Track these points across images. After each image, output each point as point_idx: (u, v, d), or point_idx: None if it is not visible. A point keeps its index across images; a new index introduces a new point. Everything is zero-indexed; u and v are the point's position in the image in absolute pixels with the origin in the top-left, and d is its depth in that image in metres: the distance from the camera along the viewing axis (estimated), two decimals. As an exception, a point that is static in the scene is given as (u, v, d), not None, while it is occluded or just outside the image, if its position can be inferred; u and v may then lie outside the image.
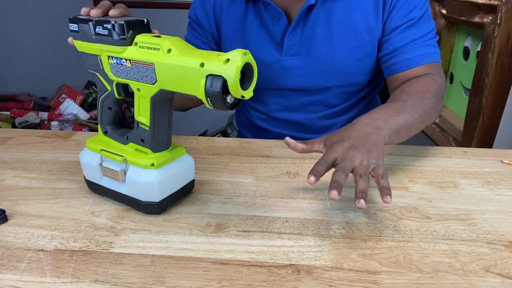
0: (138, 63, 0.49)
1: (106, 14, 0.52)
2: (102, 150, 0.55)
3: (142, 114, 0.52)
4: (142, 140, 0.53)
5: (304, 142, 0.60)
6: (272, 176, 0.66)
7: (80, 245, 0.49)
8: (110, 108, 0.57)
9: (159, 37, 0.48)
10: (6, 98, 2.13)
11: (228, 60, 0.43)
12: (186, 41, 0.89)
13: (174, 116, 0.55)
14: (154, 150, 0.53)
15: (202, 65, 0.44)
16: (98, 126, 0.58)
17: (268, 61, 0.82)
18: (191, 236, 0.51)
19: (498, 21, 1.14)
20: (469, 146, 1.31)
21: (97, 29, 0.50)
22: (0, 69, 2.39)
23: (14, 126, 1.81)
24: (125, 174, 0.54)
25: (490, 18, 1.19)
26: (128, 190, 0.54)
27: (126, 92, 0.55)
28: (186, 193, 0.58)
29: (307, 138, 0.72)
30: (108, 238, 0.50)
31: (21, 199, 0.58)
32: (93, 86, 2.24)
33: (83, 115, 2.00)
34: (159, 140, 0.53)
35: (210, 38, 0.88)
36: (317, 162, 0.53)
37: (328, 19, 0.77)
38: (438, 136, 1.49)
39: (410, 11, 0.75)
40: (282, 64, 0.81)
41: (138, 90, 0.51)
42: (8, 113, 1.88)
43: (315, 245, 0.49)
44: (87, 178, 0.59)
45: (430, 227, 0.53)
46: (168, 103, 0.52)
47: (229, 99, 0.45)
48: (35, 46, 2.33)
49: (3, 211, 0.53)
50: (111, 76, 0.53)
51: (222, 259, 0.47)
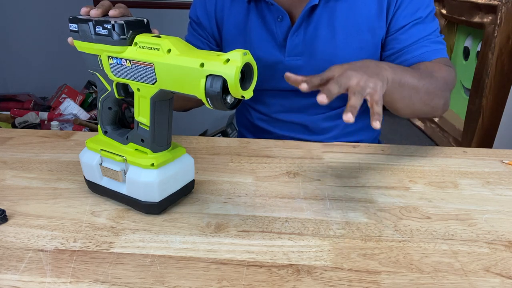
0: (138, 63, 0.49)
1: (106, 14, 0.52)
2: (102, 150, 0.55)
3: (142, 114, 0.52)
4: (142, 140, 0.53)
5: (304, 77, 0.59)
6: (272, 176, 0.66)
7: (80, 245, 0.49)
8: (110, 108, 0.57)
9: (159, 37, 0.48)
10: (6, 98, 2.13)
11: (228, 60, 0.43)
12: (187, 41, 0.89)
13: (174, 116, 0.55)
14: (154, 150, 0.53)
15: (202, 65, 0.44)
16: (98, 126, 0.58)
17: (270, 61, 0.82)
18: (191, 236, 0.51)
19: (498, 21, 1.14)
20: (469, 146, 1.31)
21: (97, 29, 0.50)
22: (0, 69, 2.39)
23: (14, 126, 1.81)
24: (125, 174, 0.54)
25: (490, 18, 1.18)
26: (128, 190, 0.54)
27: (126, 92, 0.55)
28: (186, 193, 0.58)
29: (308, 140, 0.72)
30: (108, 238, 0.50)
31: (21, 199, 0.58)
32: (93, 86, 2.24)
33: (83, 115, 2.00)
34: (159, 140, 0.53)
35: (211, 39, 0.88)
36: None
37: (331, 20, 0.77)
38: (438, 136, 1.49)
39: (416, 11, 0.75)
40: (284, 64, 0.81)
41: (138, 90, 0.51)
42: (8, 113, 1.88)
43: (315, 245, 0.49)
44: (87, 178, 0.59)
45: (430, 227, 0.53)
46: (168, 103, 0.52)
47: (229, 99, 0.45)
48: (35, 46, 2.33)
49: (3, 211, 0.53)
50: (111, 76, 0.53)
51: (222, 259, 0.47)
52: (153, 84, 0.49)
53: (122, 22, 0.49)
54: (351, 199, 0.59)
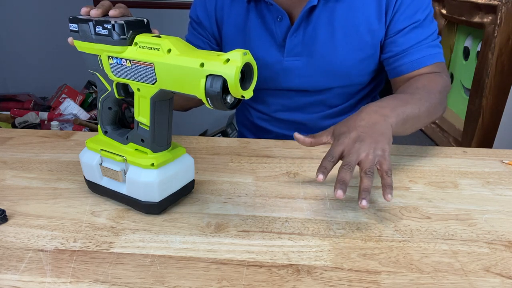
0: (138, 63, 0.49)
1: (106, 14, 0.52)
2: (102, 150, 0.55)
3: (142, 114, 0.52)
4: (142, 140, 0.53)
5: (312, 136, 0.61)
6: (272, 176, 0.66)
7: (80, 245, 0.49)
8: (110, 108, 0.57)
9: (159, 37, 0.48)
10: (6, 98, 2.13)
11: (228, 60, 0.43)
12: (187, 41, 0.89)
13: (174, 116, 0.55)
14: (154, 150, 0.53)
15: (202, 65, 0.44)
16: (98, 126, 0.58)
17: (269, 61, 0.82)
18: (191, 236, 0.51)
19: (498, 21, 1.14)
20: (469, 146, 1.31)
21: (97, 29, 0.50)
22: (0, 69, 2.39)
23: (14, 126, 1.81)
24: (125, 174, 0.54)
25: (490, 18, 1.18)
26: (128, 190, 0.54)
27: (126, 92, 0.55)
28: (186, 193, 0.58)
29: None
30: (108, 238, 0.50)
31: (21, 199, 0.58)
32: (93, 86, 2.24)
33: (83, 115, 2.00)
34: (159, 140, 0.53)
35: (211, 38, 0.88)
36: (324, 158, 0.53)
37: (330, 20, 0.77)
38: (438, 136, 1.49)
39: (414, 13, 0.75)
40: (283, 64, 0.81)
41: (138, 90, 0.51)
42: (8, 113, 1.88)
43: (315, 245, 0.49)
44: (87, 178, 0.59)
45: (430, 227, 0.53)
46: (168, 103, 0.52)
47: (229, 99, 0.45)
48: (35, 46, 2.33)
49: (3, 211, 0.53)
50: (111, 76, 0.53)
51: (222, 259, 0.47)
52: (153, 84, 0.49)
53: (122, 22, 0.49)
54: (351, 199, 0.59)
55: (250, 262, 0.46)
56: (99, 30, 0.50)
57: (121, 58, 0.50)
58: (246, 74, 0.46)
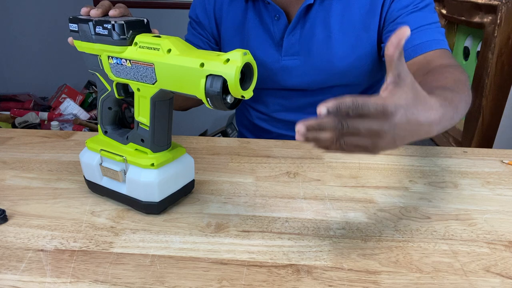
0: (138, 63, 0.49)
1: (106, 14, 0.52)
2: (102, 150, 0.55)
3: (142, 114, 0.52)
4: (142, 140, 0.53)
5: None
6: (272, 176, 0.66)
7: (80, 245, 0.49)
8: (110, 108, 0.57)
9: (159, 37, 0.48)
10: (6, 98, 2.13)
11: (228, 60, 0.43)
12: (187, 41, 0.89)
13: (174, 116, 0.55)
14: (154, 150, 0.53)
15: (202, 65, 0.44)
16: (98, 126, 0.58)
17: (267, 61, 0.82)
18: (191, 236, 0.51)
19: (498, 21, 1.14)
20: (469, 146, 1.31)
21: (97, 29, 0.50)
22: (0, 69, 2.39)
23: (14, 126, 1.81)
24: (125, 174, 0.54)
25: (490, 18, 1.18)
26: (128, 190, 0.54)
27: (126, 92, 0.55)
28: (186, 193, 0.58)
29: None
30: (108, 238, 0.50)
31: (21, 199, 0.58)
32: (93, 86, 2.24)
33: (83, 115, 2.00)
34: (159, 140, 0.53)
35: (211, 38, 0.88)
36: (344, 101, 0.39)
37: (326, 19, 0.77)
38: (438, 136, 1.49)
39: (412, 1, 0.73)
40: (281, 64, 0.81)
41: (138, 90, 0.51)
42: (8, 113, 1.88)
43: (315, 245, 0.49)
44: (87, 178, 0.59)
45: (430, 227, 0.53)
46: (168, 103, 0.52)
47: (229, 99, 0.45)
48: (35, 46, 2.33)
49: (3, 211, 0.53)
50: (111, 76, 0.53)
51: (222, 259, 0.47)
52: (153, 84, 0.49)
53: (122, 22, 0.49)
54: (351, 199, 0.59)
55: (250, 262, 0.46)
56: (99, 30, 0.50)
57: (121, 58, 0.50)
58: (246, 74, 0.46)
